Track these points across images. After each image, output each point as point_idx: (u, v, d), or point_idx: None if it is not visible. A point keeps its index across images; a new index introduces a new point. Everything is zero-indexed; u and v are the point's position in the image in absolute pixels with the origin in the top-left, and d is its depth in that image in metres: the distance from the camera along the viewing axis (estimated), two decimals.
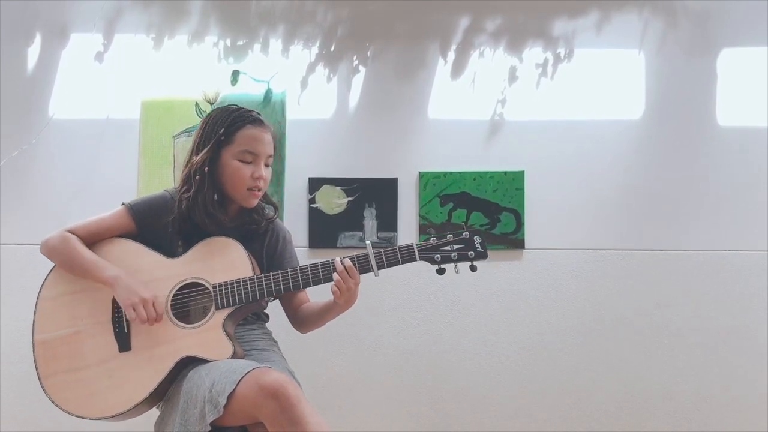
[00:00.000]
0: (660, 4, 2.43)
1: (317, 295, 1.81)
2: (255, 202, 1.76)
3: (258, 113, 1.77)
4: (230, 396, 1.44)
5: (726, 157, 2.39)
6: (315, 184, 2.40)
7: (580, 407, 2.36)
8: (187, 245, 1.72)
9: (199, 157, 1.71)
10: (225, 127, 1.71)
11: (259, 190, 1.74)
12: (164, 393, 1.63)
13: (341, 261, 1.65)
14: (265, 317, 1.91)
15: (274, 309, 1.93)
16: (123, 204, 1.76)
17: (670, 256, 2.38)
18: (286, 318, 1.97)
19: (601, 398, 2.36)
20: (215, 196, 1.71)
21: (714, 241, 2.37)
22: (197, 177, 1.71)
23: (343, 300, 1.66)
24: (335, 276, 1.64)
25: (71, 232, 1.71)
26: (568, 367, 2.37)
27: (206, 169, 1.70)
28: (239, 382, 1.45)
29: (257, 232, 1.80)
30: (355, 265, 1.65)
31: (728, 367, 2.34)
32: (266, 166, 1.75)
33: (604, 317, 2.37)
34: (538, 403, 2.36)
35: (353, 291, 1.65)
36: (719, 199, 2.38)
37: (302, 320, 1.83)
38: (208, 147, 1.71)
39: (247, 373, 1.47)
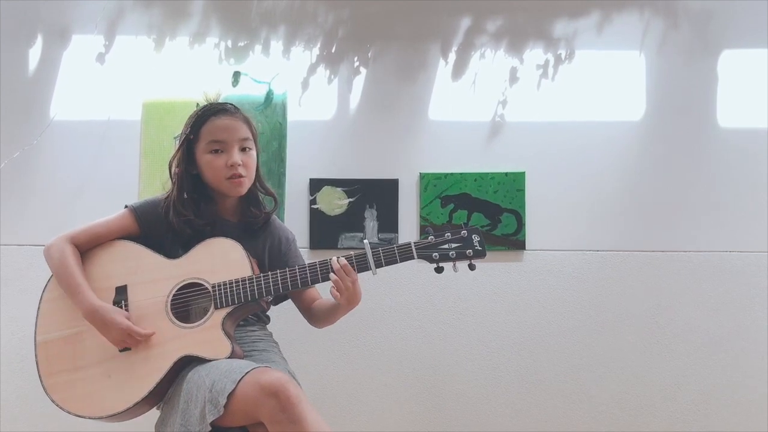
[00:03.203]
0: (661, 5, 2.43)
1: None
2: (242, 189, 1.76)
3: (227, 104, 1.79)
4: (230, 395, 1.44)
5: (726, 158, 2.39)
6: (316, 185, 2.40)
7: (580, 408, 2.36)
8: (186, 247, 1.73)
9: (171, 158, 1.77)
10: (191, 126, 1.74)
11: (240, 177, 1.73)
12: (164, 393, 1.63)
13: (337, 260, 1.65)
14: (266, 319, 1.91)
15: (275, 311, 1.93)
16: (126, 206, 1.78)
17: (670, 257, 2.38)
18: (287, 320, 1.98)
19: (602, 399, 2.35)
20: (185, 194, 1.73)
21: (714, 242, 2.37)
22: (172, 179, 1.76)
23: (344, 299, 1.65)
24: (332, 276, 1.63)
25: (74, 238, 1.72)
26: (568, 367, 2.37)
27: (176, 169, 1.74)
28: (239, 381, 1.45)
29: (255, 227, 1.81)
30: (353, 264, 1.65)
31: (729, 367, 2.34)
32: (244, 150, 1.75)
33: (604, 318, 2.37)
34: (540, 404, 2.36)
35: (352, 290, 1.64)
36: (719, 200, 2.38)
37: (315, 317, 1.84)
38: (178, 147, 1.76)
39: (248, 372, 1.47)
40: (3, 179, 2.40)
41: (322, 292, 1.84)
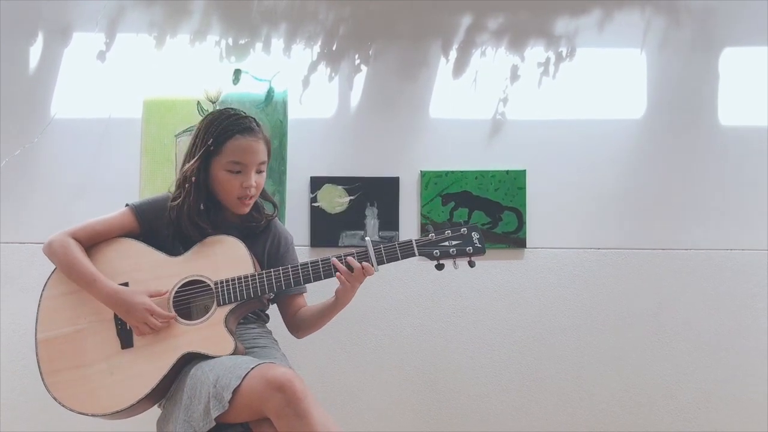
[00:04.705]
0: (662, 3, 2.43)
1: (319, 297, 1.82)
2: (246, 209, 1.77)
3: (251, 120, 1.76)
4: (236, 391, 1.44)
5: (728, 156, 2.39)
6: (316, 183, 2.40)
7: (581, 406, 2.36)
8: (187, 246, 1.73)
9: (188, 165, 1.73)
10: (214, 137, 1.71)
11: (250, 198, 1.74)
12: (166, 390, 1.64)
13: (357, 260, 1.65)
14: (266, 317, 1.92)
15: (275, 310, 1.93)
16: (127, 205, 1.77)
17: (671, 255, 2.38)
18: None
19: (603, 397, 2.36)
20: (201, 206, 1.72)
21: (715, 240, 2.37)
22: (186, 186, 1.73)
23: (342, 292, 1.68)
24: (354, 262, 1.64)
25: (74, 234, 1.71)
26: (569, 366, 2.37)
27: (193, 179, 1.71)
28: (245, 377, 1.45)
29: (257, 230, 1.81)
30: (356, 260, 1.66)
31: (730, 365, 2.34)
32: (259, 172, 1.75)
33: (605, 316, 2.37)
34: (540, 402, 2.36)
35: (350, 289, 1.68)
36: (721, 198, 2.38)
37: (300, 324, 1.85)
38: (197, 156, 1.72)
39: (253, 368, 1.47)
40: (4, 177, 2.40)
41: (321, 294, 1.83)
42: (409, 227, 2.39)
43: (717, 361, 2.35)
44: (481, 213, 2.39)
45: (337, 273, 1.66)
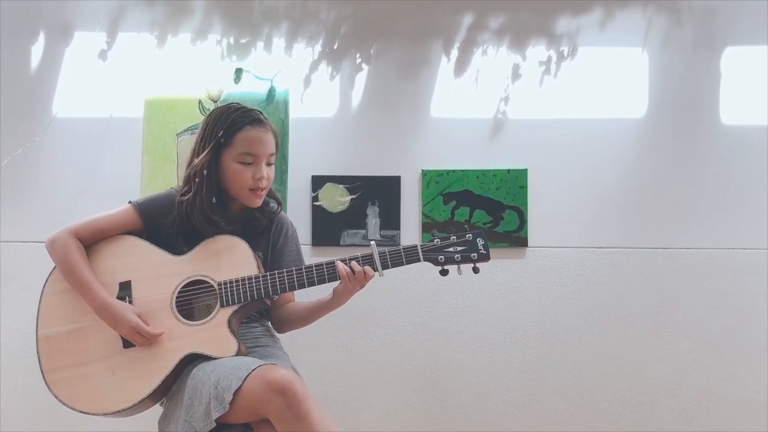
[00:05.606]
0: (664, 2, 2.42)
1: (309, 295, 1.81)
2: (259, 201, 1.77)
3: (259, 112, 1.77)
4: (236, 392, 1.44)
5: (729, 155, 2.39)
6: (318, 182, 2.40)
7: (582, 405, 2.36)
8: (191, 244, 1.73)
9: (198, 159, 1.72)
10: (224, 129, 1.71)
11: (261, 190, 1.74)
12: (168, 390, 1.63)
13: (360, 264, 1.65)
14: (268, 315, 1.91)
15: None
16: (130, 202, 1.77)
17: (672, 254, 2.38)
18: None
19: (604, 396, 2.35)
20: (213, 199, 1.72)
21: (716, 239, 2.37)
22: (196, 180, 1.71)
23: (340, 289, 1.68)
24: (356, 265, 1.65)
25: (77, 231, 1.71)
26: (571, 365, 2.37)
27: (205, 172, 1.71)
28: (246, 378, 1.45)
29: (259, 229, 1.81)
30: (360, 265, 1.66)
31: (731, 364, 2.34)
32: (268, 164, 1.76)
33: (606, 315, 2.37)
34: (541, 401, 2.36)
35: (351, 291, 1.68)
36: (722, 197, 2.38)
37: (286, 319, 1.84)
38: (208, 149, 1.71)
39: (254, 369, 1.47)
40: (5, 176, 2.40)
41: (312, 293, 1.82)
42: (410, 226, 2.39)
43: (718, 360, 2.35)
44: (483, 212, 2.39)
45: (340, 272, 1.66)
